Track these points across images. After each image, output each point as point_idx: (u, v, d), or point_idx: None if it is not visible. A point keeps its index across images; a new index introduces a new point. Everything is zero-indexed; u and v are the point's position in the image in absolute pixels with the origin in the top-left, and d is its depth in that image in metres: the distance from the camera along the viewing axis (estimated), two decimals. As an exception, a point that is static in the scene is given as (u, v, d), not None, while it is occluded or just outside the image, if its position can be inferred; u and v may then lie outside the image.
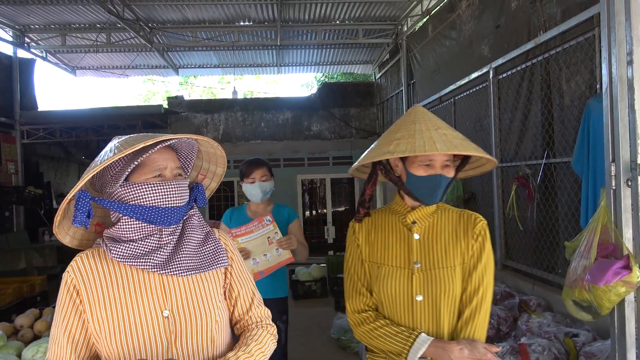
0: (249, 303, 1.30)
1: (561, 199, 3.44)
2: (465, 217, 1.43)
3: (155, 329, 1.13)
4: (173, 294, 1.17)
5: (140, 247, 1.15)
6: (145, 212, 1.14)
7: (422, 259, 1.38)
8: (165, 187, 1.15)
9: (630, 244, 1.86)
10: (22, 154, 8.08)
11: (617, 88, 1.81)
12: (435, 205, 1.43)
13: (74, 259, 1.19)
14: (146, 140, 1.10)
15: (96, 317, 1.13)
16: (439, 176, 1.33)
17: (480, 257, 1.38)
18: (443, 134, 1.32)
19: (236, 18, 7.50)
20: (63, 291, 1.16)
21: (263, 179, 2.58)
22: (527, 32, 3.96)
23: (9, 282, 5.08)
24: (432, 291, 1.36)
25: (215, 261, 1.22)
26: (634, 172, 1.80)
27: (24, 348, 2.75)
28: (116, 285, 1.15)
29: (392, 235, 1.44)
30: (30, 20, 7.27)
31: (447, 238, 1.40)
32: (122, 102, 20.33)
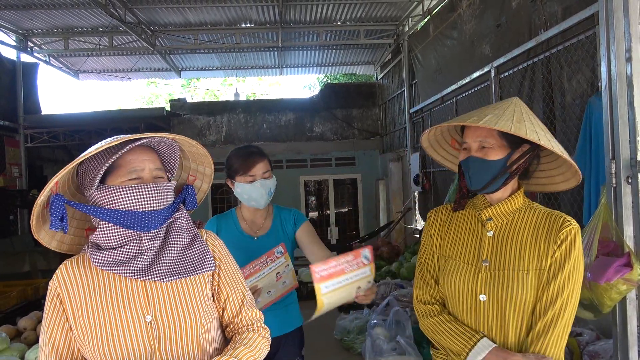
0: (238, 306, 1.26)
1: (564, 198, 3.42)
2: (552, 218, 1.29)
3: (137, 335, 1.11)
4: (156, 299, 1.14)
5: (121, 254, 1.11)
6: (122, 216, 1.10)
7: (492, 258, 1.30)
8: (141, 190, 1.10)
9: (631, 241, 1.85)
10: (26, 157, 8.12)
11: (617, 85, 1.80)
12: (518, 204, 1.32)
13: (60, 266, 1.17)
14: (112, 141, 1.07)
15: (80, 324, 1.11)
16: (469, 159, 1.29)
17: (563, 266, 1.23)
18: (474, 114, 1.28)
19: (237, 20, 7.52)
20: (48, 300, 1.15)
21: (265, 176, 1.95)
22: (528, 30, 3.95)
23: (13, 285, 5.10)
24: (497, 293, 1.27)
25: (200, 266, 1.18)
26: (634, 169, 1.80)
27: (27, 350, 2.76)
28: (99, 292, 1.13)
29: (466, 229, 1.37)
30: (33, 25, 7.31)
31: (524, 239, 1.28)
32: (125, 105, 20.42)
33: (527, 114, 1.30)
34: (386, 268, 6.06)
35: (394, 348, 3.55)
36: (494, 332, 1.29)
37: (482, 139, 1.27)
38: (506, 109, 1.29)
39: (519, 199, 1.33)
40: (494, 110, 1.28)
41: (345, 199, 10.41)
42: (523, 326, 1.26)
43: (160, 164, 1.19)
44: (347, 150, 9.97)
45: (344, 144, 10.00)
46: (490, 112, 1.26)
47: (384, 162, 9.38)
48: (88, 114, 8.87)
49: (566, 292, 1.23)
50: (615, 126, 1.85)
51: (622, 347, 1.94)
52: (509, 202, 1.32)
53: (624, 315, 1.91)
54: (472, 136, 1.29)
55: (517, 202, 1.33)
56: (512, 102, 1.33)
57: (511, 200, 1.32)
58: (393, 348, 3.55)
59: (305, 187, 10.13)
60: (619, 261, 1.79)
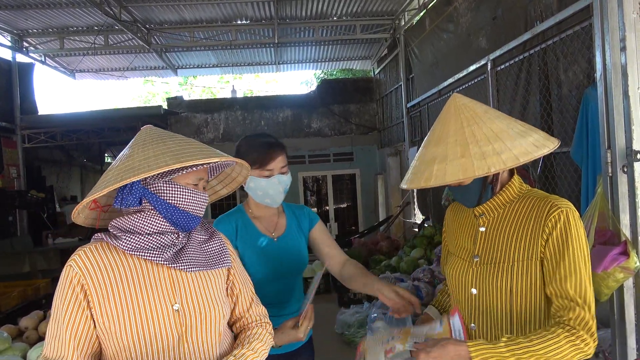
0: (249, 302, 1.33)
1: (561, 189, 3.43)
2: (541, 205, 1.25)
3: (166, 322, 1.13)
4: (182, 288, 1.17)
5: (154, 241, 1.14)
6: (175, 213, 1.17)
7: (483, 253, 1.33)
8: (198, 197, 1.20)
9: (627, 230, 1.87)
10: (23, 158, 8.11)
11: (611, 75, 1.81)
12: (512, 194, 1.31)
13: (76, 253, 1.15)
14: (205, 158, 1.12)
15: (105, 312, 1.11)
16: (451, 187, 1.34)
17: (563, 253, 1.18)
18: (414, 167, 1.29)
19: (233, 17, 7.50)
20: (65, 285, 1.12)
21: (283, 170, 1.77)
22: (523, 22, 3.95)
23: (14, 285, 5.11)
24: (485, 286, 1.30)
25: (220, 260, 1.25)
26: (629, 158, 1.80)
27: (29, 349, 2.77)
28: (125, 279, 1.14)
29: (464, 225, 1.42)
30: (28, 25, 7.28)
31: (512, 231, 1.28)
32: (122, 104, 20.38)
33: (469, 125, 1.22)
34: (386, 262, 6.08)
35: (394, 341, 3.57)
36: (484, 323, 1.32)
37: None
38: (449, 135, 1.23)
39: (513, 189, 1.31)
40: (437, 146, 1.23)
41: (344, 194, 10.43)
42: (513, 317, 1.26)
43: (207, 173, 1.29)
44: (345, 146, 9.97)
45: (342, 140, 10.00)
46: (436, 155, 1.22)
47: (382, 157, 9.39)
48: (85, 114, 8.85)
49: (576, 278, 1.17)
50: (610, 116, 1.86)
51: (620, 334, 1.95)
52: (501, 196, 1.32)
53: (622, 304, 1.92)
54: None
55: (509, 193, 1.31)
56: (450, 112, 1.27)
57: (503, 193, 1.31)
58: (393, 341, 3.58)
59: (304, 183, 10.14)
60: (616, 250, 1.80)
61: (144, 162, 1.11)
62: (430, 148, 1.25)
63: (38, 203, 7.90)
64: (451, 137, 1.22)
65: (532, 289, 1.24)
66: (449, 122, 1.26)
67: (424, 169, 1.22)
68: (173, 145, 1.15)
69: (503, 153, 1.15)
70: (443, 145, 1.22)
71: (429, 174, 1.20)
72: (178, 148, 1.14)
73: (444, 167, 1.18)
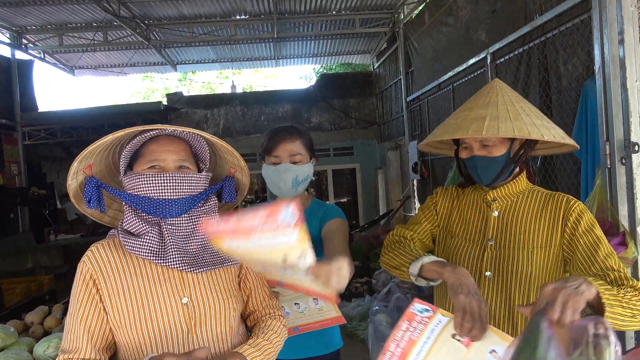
0: (262, 295, 1.33)
1: (561, 182, 3.45)
2: (555, 199, 1.33)
3: (175, 316, 1.14)
4: (191, 283, 1.18)
5: (147, 242, 1.15)
6: (140, 201, 1.15)
7: (498, 237, 1.35)
8: (158, 179, 1.13)
9: (625, 220, 1.89)
10: (24, 155, 8.12)
11: (610, 68, 1.83)
12: (521, 186, 1.37)
13: (89, 249, 1.19)
14: (128, 131, 1.12)
15: (115, 306, 1.13)
16: (473, 158, 1.33)
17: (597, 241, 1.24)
18: (461, 117, 1.29)
19: (232, 12, 7.49)
20: (79, 281, 1.16)
21: (295, 159, 1.67)
22: (523, 15, 3.95)
23: (17, 282, 5.15)
24: (502, 269, 1.32)
25: (225, 259, 1.22)
26: (627, 150, 1.82)
27: (35, 344, 2.80)
28: (134, 274, 1.16)
29: (472, 210, 1.43)
30: (27, 22, 7.27)
31: (529, 218, 1.33)
32: (121, 100, 20.38)
33: (517, 102, 1.32)
34: (387, 256, 6.12)
35: (396, 333, 3.61)
36: (498, 305, 1.34)
37: (482, 138, 1.29)
38: (498, 103, 1.31)
39: (522, 182, 1.38)
40: (486, 108, 1.30)
41: (344, 189, 10.45)
42: (527, 298, 1.31)
43: (188, 155, 1.21)
44: (345, 141, 9.98)
45: (342, 134, 10.01)
46: (486, 114, 1.28)
47: (382, 151, 9.40)
48: (85, 110, 8.85)
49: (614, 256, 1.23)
50: (609, 108, 1.87)
51: (619, 324, 1.98)
52: (513, 185, 1.37)
53: (620, 294, 1.95)
54: (472, 136, 1.30)
55: (520, 185, 1.38)
56: (495, 89, 1.36)
57: (514, 183, 1.37)
58: (395, 333, 3.61)
59: (304, 178, 10.15)
60: (614, 240, 1.82)
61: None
62: (477, 110, 1.30)
63: (39, 200, 7.93)
64: (501, 105, 1.29)
65: (552, 273, 1.31)
66: (495, 94, 1.33)
67: (469, 123, 1.26)
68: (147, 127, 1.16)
69: (552, 129, 1.26)
70: (493, 108, 1.28)
71: (478, 127, 1.24)
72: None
73: (496, 123, 1.23)
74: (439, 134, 1.33)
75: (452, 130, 1.29)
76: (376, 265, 5.92)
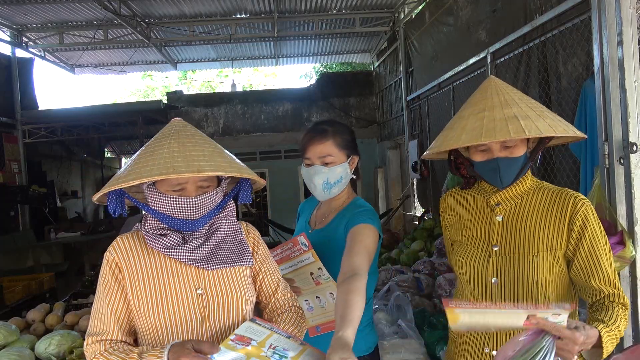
0: (274, 287, 1.38)
1: (560, 181, 3.47)
2: (562, 197, 1.28)
3: (190, 305, 1.22)
4: (205, 275, 1.26)
5: (166, 242, 1.23)
6: (164, 218, 1.23)
7: (502, 242, 1.32)
8: (182, 203, 1.20)
9: (623, 220, 1.91)
10: (24, 153, 8.13)
11: (609, 68, 1.84)
12: (527, 185, 1.33)
13: (115, 240, 1.29)
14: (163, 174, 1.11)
15: (136, 292, 1.22)
16: (495, 160, 1.26)
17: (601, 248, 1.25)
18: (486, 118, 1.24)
19: (233, 11, 7.49)
20: (105, 268, 1.25)
21: (326, 161, 1.60)
22: (523, 15, 3.96)
23: (18, 279, 5.16)
24: (508, 275, 1.30)
25: (239, 259, 1.29)
26: (626, 150, 1.84)
27: (36, 341, 2.81)
28: (154, 264, 1.25)
29: (475, 214, 1.39)
30: (27, 20, 7.28)
31: (534, 221, 1.29)
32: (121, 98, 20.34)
33: (528, 99, 1.29)
34: (386, 255, 6.12)
35: (395, 332, 3.62)
36: None
37: (504, 139, 1.23)
38: (515, 101, 1.27)
39: (527, 181, 1.34)
40: (509, 107, 1.25)
41: (344, 187, 10.44)
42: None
43: (206, 176, 1.24)
44: (345, 139, 9.97)
45: (342, 133, 10.00)
46: (513, 113, 1.23)
47: (382, 150, 9.41)
48: (85, 109, 8.86)
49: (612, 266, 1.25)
50: (607, 108, 1.89)
51: (617, 323, 2.00)
52: (518, 185, 1.33)
53: (618, 292, 1.96)
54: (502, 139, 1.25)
55: (525, 184, 1.33)
56: (496, 87, 1.32)
57: (519, 183, 1.33)
58: (395, 332, 3.62)
59: (304, 176, 10.15)
60: (612, 239, 1.84)
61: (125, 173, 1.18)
62: (500, 110, 1.25)
63: (40, 198, 7.94)
64: (521, 103, 1.26)
65: (558, 277, 1.29)
66: (505, 92, 1.29)
67: (503, 125, 1.21)
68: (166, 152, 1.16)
69: (569, 126, 1.24)
70: (516, 107, 1.24)
71: (517, 128, 1.19)
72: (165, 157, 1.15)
73: (532, 123, 1.20)
74: (465, 139, 1.23)
75: (482, 133, 1.21)
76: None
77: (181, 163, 1.13)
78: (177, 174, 1.11)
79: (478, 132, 1.22)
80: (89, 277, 4.89)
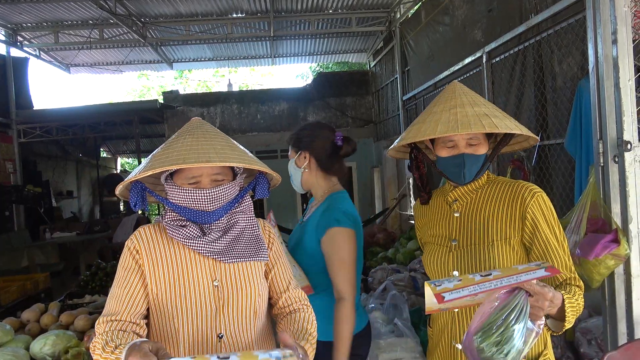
0: (285, 285, 1.40)
1: (555, 180, 3.48)
2: (514, 188, 1.35)
3: (206, 295, 1.26)
4: (222, 268, 1.30)
5: (185, 233, 1.27)
6: (182, 210, 1.27)
7: (460, 236, 1.39)
8: (196, 195, 1.25)
9: (618, 218, 1.92)
10: (19, 153, 8.09)
11: (603, 67, 1.85)
12: (482, 181, 1.40)
13: (137, 229, 1.35)
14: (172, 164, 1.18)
15: (153, 279, 1.27)
16: (461, 156, 1.33)
17: (555, 233, 1.30)
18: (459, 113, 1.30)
19: (229, 10, 7.48)
20: (126, 254, 1.31)
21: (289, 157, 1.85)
22: (519, 15, 3.98)
23: (13, 280, 5.13)
24: (467, 267, 1.36)
25: (255, 254, 1.33)
26: (620, 148, 1.85)
27: (31, 341, 2.80)
28: (173, 254, 1.29)
29: (439, 214, 1.47)
30: (22, 19, 7.24)
31: (487, 213, 1.36)
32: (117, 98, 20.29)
33: (488, 102, 1.38)
34: (382, 254, 6.13)
35: (391, 330, 3.63)
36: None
37: (472, 135, 1.32)
38: (485, 104, 1.35)
39: (483, 177, 1.41)
40: (472, 107, 1.32)
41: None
42: None
43: (221, 168, 1.29)
44: (341, 139, 9.98)
45: (338, 133, 10.00)
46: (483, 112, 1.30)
47: (378, 150, 9.42)
48: (81, 108, 8.83)
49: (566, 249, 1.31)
50: (602, 107, 1.90)
51: (611, 320, 2.01)
52: (473, 182, 1.40)
53: (612, 290, 1.98)
54: (461, 136, 1.33)
55: (480, 180, 1.41)
56: (458, 90, 1.39)
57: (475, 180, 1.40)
58: (391, 330, 3.63)
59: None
60: (607, 238, 1.85)
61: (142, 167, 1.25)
62: (470, 108, 1.32)
63: (35, 198, 7.91)
64: (487, 104, 1.35)
65: (516, 264, 1.34)
66: (470, 94, 1.37)
67: (476, 120, 1.28)
68: (180, 146, 1.23)
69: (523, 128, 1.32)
70: (484, 107, 1.33)
71: (490, 124, 1.26)
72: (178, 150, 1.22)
73: (501, 121, 1.28)
74: (442, 130, 1.28)
75: (458, 126, 1.26)
76: (372, 264, 5.94)
77: (191, 155, 1.19)
78: (186, 164, 1.17)
79: (454, 125, 1.27)
80: (85, 276, 4.87)
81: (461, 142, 1.33)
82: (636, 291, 1.92)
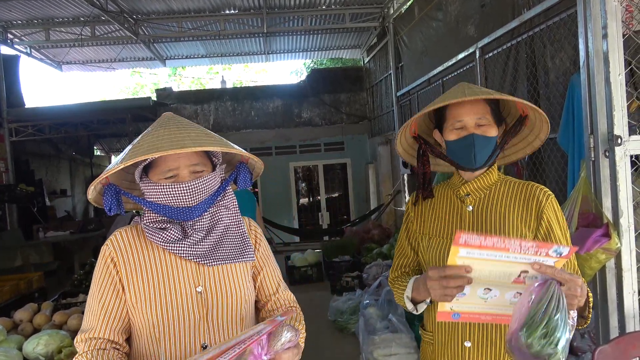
0: (275, 287, 1.33)
1: (549, 175, 3.50)
2: (528, 189, 1.34)
3: (189, 303, 1.18)
4: (205, 273, 1.21)
5: (169, 235, 1.18)
6: (161, 209, 1.18)
7: (474, 230, 1.35)
8: (175, 190, 1.15)
9: (609, 212, 1.92)
10: (11, 152, 8.02)
11: (594, 62, 1.85)
12: (494, 178, 1.38)
13: (113, 233, 1.24)
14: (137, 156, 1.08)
15: (133, 287, 1.18)
16: (470, 136, 1.29)
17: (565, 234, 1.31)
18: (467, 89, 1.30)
19: (221, 6, 7.44)
20: (100, 263, 1.21)
21: None
22: (511, 10, 3.98)
23: (6, 279, 5.09)
24: None
25: (240, 255, 1.25)
26: (611, 143, 1.86)
27: (24, 341, 2.78)
28: (153, 260, 1.20)
29: (446, 208, 1.42)
30: (12, 16, 7.17)
31: (503, 210, 1.34)
32: (110, 96, 20.15)
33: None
34: (377, 250, 6.14)
35: (386, 326, 3.64)
36: None
37: (480, 115, 1.29)
38: (477, 87, 1.36)
39: (494, 174, 1.38)
40: (479, 88, 1.34)
41: (335, 184, 10.47)
42: None
43: (200, 157, 1.20)
44: (335, 136, 9.99)
45: (333, 129, 10.01)
46: (480, 88, 1.33)
47: (373, 146, 9.43)
48: (73, 106, 8.76)
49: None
50: (593, 102, 1.90)
51: (603, 314, 2.02)
52: (485, 177, 1.37)
53: (604, 284, 1.99)
54: (469, 113, 1.30)
55: (492, 176, 1.38)
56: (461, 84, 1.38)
57: (487, 175, 1.37)
58: (386, 327, 3.64)
59: (295, 173, 10.15)
60: (598, 232, 1.86)
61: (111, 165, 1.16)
62: (477, 87, 1.34)
63: (27, 197, 7.85)
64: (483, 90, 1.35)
65: None
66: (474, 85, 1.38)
67: (483, 91, 1.30)
68: (151, 137, 1.14)
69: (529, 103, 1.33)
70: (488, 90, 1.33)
71: (497, 94, 1.29)
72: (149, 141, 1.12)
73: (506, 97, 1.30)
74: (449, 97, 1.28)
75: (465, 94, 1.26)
76: (367, 260, 5.95)
77: (164, 143, 1.09)
78: (160, 152, 1.07)
79: (461, 93, 1.28)
80: (79, 276, 4.85)
81: (470, 122, 1.30)
82: (627, 285, 1.93)
